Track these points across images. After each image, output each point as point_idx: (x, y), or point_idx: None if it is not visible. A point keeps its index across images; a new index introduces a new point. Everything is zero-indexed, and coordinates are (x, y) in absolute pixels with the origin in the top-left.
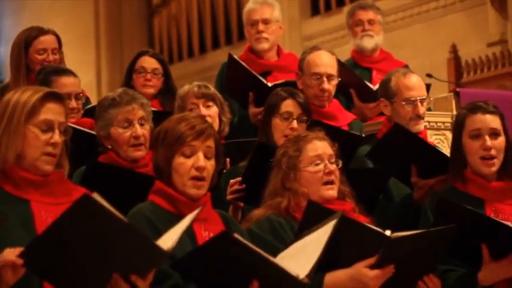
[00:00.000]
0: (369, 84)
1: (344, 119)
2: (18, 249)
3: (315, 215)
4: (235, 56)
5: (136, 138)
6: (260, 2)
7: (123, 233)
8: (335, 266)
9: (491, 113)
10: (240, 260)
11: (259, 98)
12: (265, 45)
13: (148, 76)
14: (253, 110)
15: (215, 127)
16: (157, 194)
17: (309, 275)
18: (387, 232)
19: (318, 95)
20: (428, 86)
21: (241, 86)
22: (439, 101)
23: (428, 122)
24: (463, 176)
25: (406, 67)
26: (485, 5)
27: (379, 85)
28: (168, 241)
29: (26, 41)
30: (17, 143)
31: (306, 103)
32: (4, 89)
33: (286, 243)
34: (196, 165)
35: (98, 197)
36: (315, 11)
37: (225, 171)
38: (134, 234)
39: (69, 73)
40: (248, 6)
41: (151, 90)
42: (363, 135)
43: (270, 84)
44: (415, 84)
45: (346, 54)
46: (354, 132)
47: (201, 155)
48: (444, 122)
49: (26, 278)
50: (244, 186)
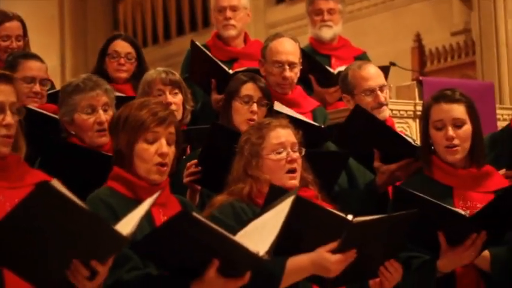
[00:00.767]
0: (329, 68)
1: (307, 105)
2: None
3: (277, 198)
4: (197, 43)
5: (100, 124)
6: None
7: (83, 220)
8: (298, 251)
9: (456, 101)
10: (199, 239)
11: (221, 85)
12: (233, 32)
13: (122, 61)
14: (215, 96)
15: (179, 115)
16: (115, 180)
17: (268, 252)
18: (349, 217)
19: (279, 82)
20: (387, 69)
21: (204, 72)
22: (402, 89)
23: (391, 110)
24: (432, 164)
25: (364, 54)
26: None
27: (339, 81)
28: (127, 226)
29: None
30: None
31: (267, 87)
32: None
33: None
34: (159, 151)
35: (56, 183)
36: None
37: (184, 157)
38: (94, 221)
39: (37, 58)
40: None
41: (124, 75)
42: (323, 126)
43: (231, 71)
44: (372, 74)
45: None
46: (314, 123)
47: (163, 141)
48: (407, 111)
49: None
50: (200, 168)
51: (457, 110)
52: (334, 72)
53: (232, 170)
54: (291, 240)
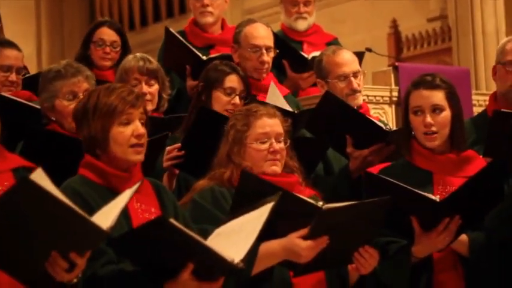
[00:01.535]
0: (303, 53)
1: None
2: None
3: (249, 185)
4: (171, 30)
5: None
6: None
7: (62, 213)
8: (271, 236)
9: (435, 87)
10: (175, 244)
11: (196, 71)
12: (210, 19)
13: (107, 49)
14: (190, 82)
15: (154, 104)
16: (87, 168)
17: (244, 260)
18: (319, 203)
19: (257, 67)
20: (362, 54)
21: (178, 59)
22: (378, 75)
23: (367, 96)
24: (412, 150)
25: (335, 40)
26: None
27: (314, 66)
28: (105, 218)
29: None
30: None
31: (247, 78)
32: None
33: (226, 213)
34: (136, 133)
35: (37, 176)
36: None
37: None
38: (73, 215)
39: (14, 46)
40: None
41: (109, 63)
42: (296, 112)
43: (204, 57)
44: (346, 60)
45: None
46: (289, 109)
47: (137, 122)
48: (383, 96)
49: None
50: (183, 153)
51: (436, 97)
52: (307, 56)
53: (217, 153)
54: (266, 225)
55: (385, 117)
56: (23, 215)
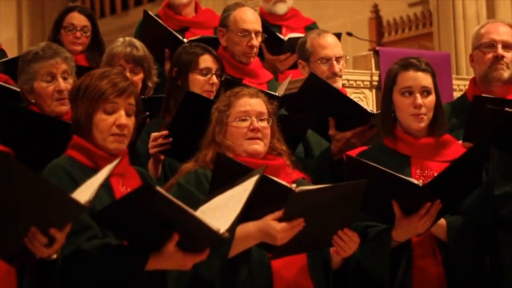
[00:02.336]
0: (279, 35)
1: (264, 77)
2: None
3: (225, 167)
4: (150, 13)
5: (60, 93)
6: None
7: (39, 188)
8: (247, 218)
9: (423, 70)
10: (161, 213)
11: None
12: (184, 0)
13: (78, 34)
14: (169, 65)
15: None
16: (75, 149)
17: (229, 230)
18: (293, 186)
19: (246, 51)
20: (339, 36)
21: (157, 42)
22: (359, 59)
23: (348, 80)
24: (392, 133)
25: (314, 24)
26: None
27: (297, 47)
28: (84, 194)
29: None
30: None
31: (219, 57)
32: None
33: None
34: (117, 122)
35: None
36: None
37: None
38: (50, 189)
39: None
40: None
41: (79, 48)
42: (279, 95)
43: (185, 40)
44: (330, 43)
45: None
46: (271, 92)
47: (122, 112)
48: (363, 81)
49: None
50: (170, 139)
51: (425, 79)
52: (285, 39)
53: (205, 135)
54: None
55: (366, 101)
56: (0, 191)
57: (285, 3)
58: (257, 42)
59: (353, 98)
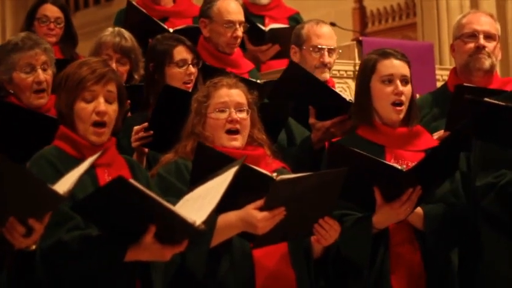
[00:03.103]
0: (260, 26)
1: (245, 66)
2: None
3: (205, 157)
4: (134, 2)
5: (39, 84)
6: None
7: (17, 178)
8: (230, 208)
9: (401, 60)
10: (137, 205)
11: None
12: None
13: (51, 26)
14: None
15: None
16: (62, 139)
17: (205, 222)
18: (274, 174)
19: (230, 42)
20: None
21: (140, 33)
22: (342, 49)
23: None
24: (369, 123)
25: (297, 14)
26: None
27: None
28: (65, 184)
29: None
30: None
31: (194, 46)
32: None
33: (189, 185)
34: (96, 109)
35: None
36: None
37: (127, 117)
38: (28, 178)
39: None
40: None
41: (53, 39)
42: (259, 82)
43: (171, 29)
44: (325, 33)
45: None
46: (253, 79)
47: (101, 99)
48: (346, 71)
49: None
50: (151, 133)
51: (404, 68)
52: (266, 29)
53: (185, 126)
54: (224, 198)
55: (349, 91)
56: None
57: None
58: (241, 32)
59: (336, 87)
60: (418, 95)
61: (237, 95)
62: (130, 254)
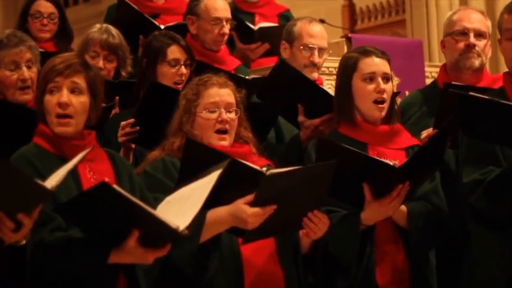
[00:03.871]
0: (249, 24)
1: (232, 63)
2: None
3: (195, 152)
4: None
5: (23, 81)
6: None
7: (3, 173)
8: (220, 204)
9: (382, 57)
10: (120, 210)
11: None
12: None
13: (45, 21)
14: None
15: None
16: (40, 136)
17: (189, 227)
18: (263, 169)
19: (217, 39)
20: None
21: (131, 29)
22: (331, 46)
23: None
24: (351, 121)
25: (287, 11)
26: None
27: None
28: (51, 181)
29: None
30: None
31: (188, 46)
32: None
33: (177, 182)
34: (58, 101)
35: None
36: None
37: (112, 116)
38: (14, 173)
39: None
40: None
41: (47, 35)
42: (248, 78)
43: (162, 26)
44: (317, 33)
45: None
46: (241, 75)
47: (64, 91)
48: (336, 68)
49: None
50: (137, 128)
51: (385, 66)
52: (255, 28)
53: (171, 123)
54: (213, 193)
55: None
56: None
57: None
58: (228, 29)
59: (325, 84)
60: (407, 92)
61: (227, 94)
62: (113, 256)
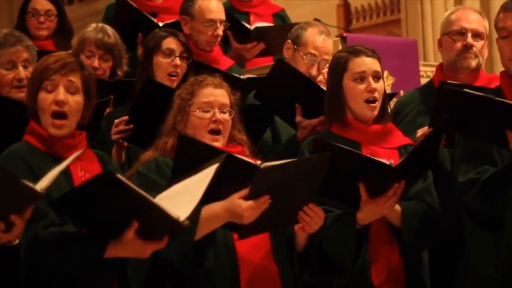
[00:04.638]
0: (246, 24)
1: (225, 63)
2: None
3: (188, 148)
4: None
5: (19, 81)
6: None
7: None
8: (215, 199)
9: (372, 56)
10: (120, 200)
11: None
12: None
13: (42, 19)
14: (142, 50)
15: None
16: (31, 134)
17: (189, 217)
18: (258, 162)
19: (210, 41)
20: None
21: (130, 27)
22: None
23: None
24: (342, 121)
25: (283, 11)
26: None
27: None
28: (43, 181)
29: None
30: None
31: (187, 42)
32: None
33: (170, 179)
34: (55, 99)
35: None
36: None
37: (107, 113)
38: (3, 175)
39: None
40: None
41: (44, 33)
42: (242, 77)
43: (160, 24)
44: (324, 46)
45: None
46: (235, 75)
47: (61, 89)
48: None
49: None
50: (131, 126)
51: (376, 64)
52: (251, 28)
53: (165, 122)
54: (207, 189)
55: None
56: None
57: None
58: (221, 31)
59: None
60: (402, 92)
61: (221, 95)
62: (110, 250)
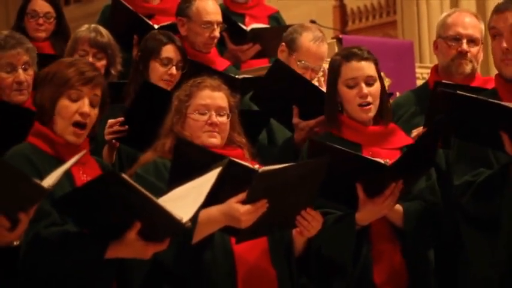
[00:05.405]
0: (242, 25)
1: (221, 64)
2: None
3: (185, 152)
4: None
5: (19, 84)
6: None
7: (2, 173)
8: (211, 202)
9: (366, 59)
10: (124, 201)
11: None
12: None
13: (41, 21)
14: (137, 52)
15: None
16: (36, 136)
17: (192, 219)
18: (256, 166)
19: (207, 42)
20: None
21: (125, 28)
22: None
23: None
24: (340, 122)
25: (277, 13)
26: None
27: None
28: (49, 180)
29: None
30: None
31: (184, 48)
32: None
33: (168, 182)
34: (80, 110)
35: None
36: None
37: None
38: (9, 171)
39: None
40: None
41: (43, 35)
42: (238, 77)
43: (156, 26)
44: (319, 53)
45: None
46: (231, 74)
47: (86, 101)
48: (325, 68)
49: None
50: (126, 127)
51: (369, 68)
52: (247, 29)
53: (163, 124)
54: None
55: None
56: None
57: None
58: (218, 33)
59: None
60: (398, 93)
61: (219, 98)
62: (111, 250)
